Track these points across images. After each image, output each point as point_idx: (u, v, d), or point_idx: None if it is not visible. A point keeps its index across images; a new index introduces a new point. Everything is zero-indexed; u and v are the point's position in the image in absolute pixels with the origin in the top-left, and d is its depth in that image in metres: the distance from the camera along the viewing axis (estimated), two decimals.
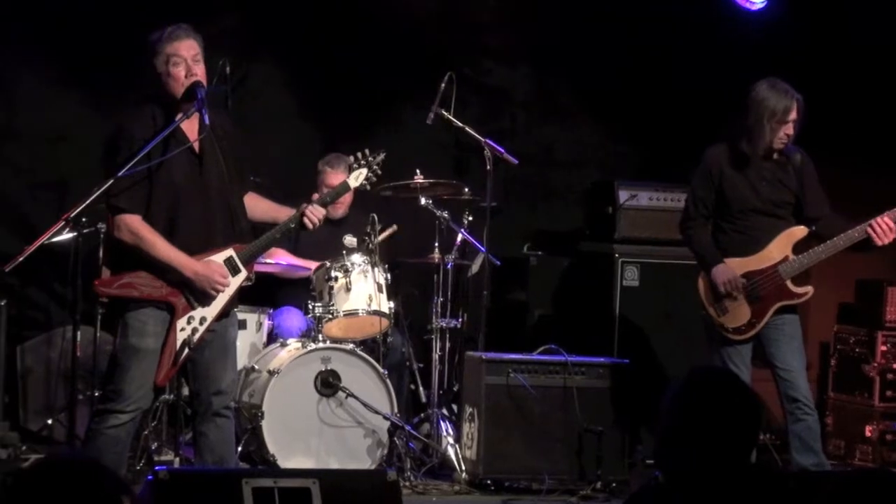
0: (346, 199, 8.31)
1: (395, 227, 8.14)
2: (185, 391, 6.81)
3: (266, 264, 7.88)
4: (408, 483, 7.22)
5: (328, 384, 7.39)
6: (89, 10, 8.51)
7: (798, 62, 8.53)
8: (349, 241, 7.70)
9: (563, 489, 7.34)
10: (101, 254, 7.49)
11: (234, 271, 5.96)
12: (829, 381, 8.89)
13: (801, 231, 6.98)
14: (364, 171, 6.31)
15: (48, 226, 5.79)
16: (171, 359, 5.83)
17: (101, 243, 7.45)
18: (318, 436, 7.37)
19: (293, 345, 7.59)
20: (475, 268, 8.25)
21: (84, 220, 7.07)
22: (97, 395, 7.28)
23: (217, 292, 5.89)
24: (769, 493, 3.40)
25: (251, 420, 7.32)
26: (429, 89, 8.11)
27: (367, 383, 7.43)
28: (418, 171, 8.02)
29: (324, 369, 7.40)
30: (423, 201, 8.00)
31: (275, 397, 7.30)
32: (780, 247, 6.96)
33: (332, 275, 7.60)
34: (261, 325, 7.93)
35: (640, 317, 8.54)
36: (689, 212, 7.14)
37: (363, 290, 7.62)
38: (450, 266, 8.12)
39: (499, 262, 8.14)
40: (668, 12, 9.37)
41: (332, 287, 7.59)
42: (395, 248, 8.23)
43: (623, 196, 8.70)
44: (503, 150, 7.93)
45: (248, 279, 5.94)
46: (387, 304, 7.65)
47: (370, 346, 7.77)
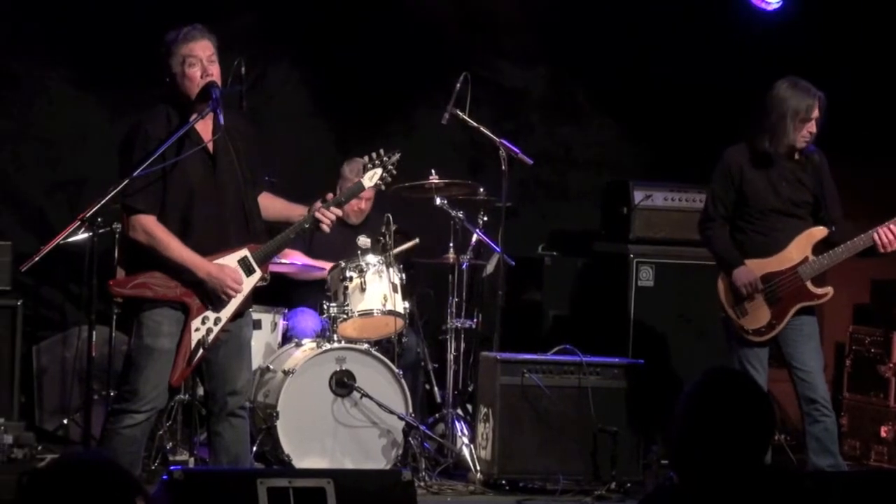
0: (367, 208, 8.31)
1: (416, 241, 8.15)
2: (200, 391, 6.81)
3: (281, 265, 7.89)
4: (422, 483, 7.22)
5: (343, 384, 7.40)
6: (106, 11, 8.53)
7: (813, 62, 8.51)
8: (363, 241, 7.71)
9: (578, 489, 7.33)
10: (116, 254, 7.50)
11: (248, 271, 5.95)
12: (845, 382, 8.87)
13: (820, 232, 6.95)
14: (378, 171, 6.24)
15: (64, 226, 5.80)
16: (186, 359, 5.84)
17: (116, 243, 7.47)
18: (332, 436, 7.37)
19: (308, 345, 7.59)
20: (490, 268, 8.25)
21: (100, 220, 7.07)
22: (112, 395, 7.29)
23: (229, 296, 5.88)
24: (784, 493, 3.40)
25: (266, 420, 7.33)
26: (444, 89, 8.11)
27: (381, 383, 7.43)
28: (433, 171, 8.03)
29: (339, 369, 7.41)
30: (438, 201, 8.00)
31: (290, 397, 7.31)
32: (800, 248, 6.94)
33: (347, 275, 7.60)
34: (276, 325, 7.93)
35: (654, 317, 8.54)
36: (709, 212, 7.11)
37: (378, 290, 7.62)
38: (465, 266, 8.12)
39: (514, 263, 8.13)
40: (684, 13, 9.36)
41: (346, 287, 7.59)
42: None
43: (638, 196, 8.70)
44: (518, 151, 7.93)
45: (263, 279, 5.94)
46: (402, 305, 7.66)
47: (385, 346, 7.77)
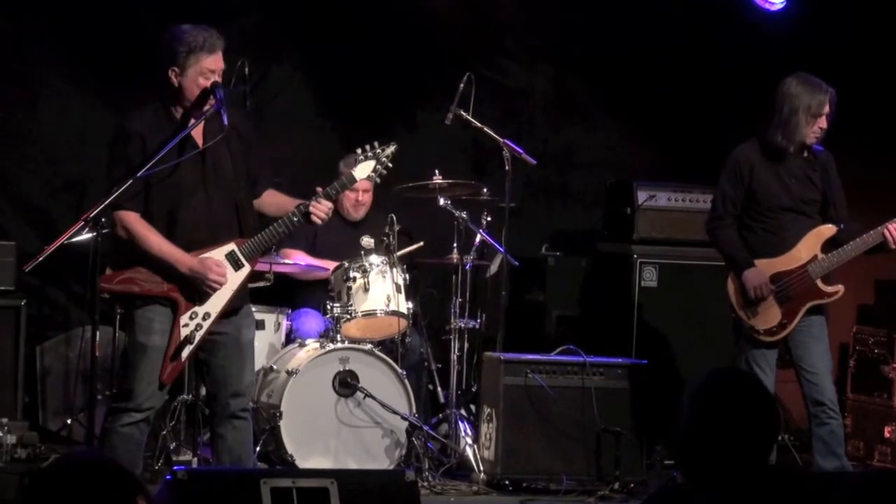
0: (366, 200, 8.31)
1: (421, 244, 8.15)
2: (203, 391, 6.82)
3: (284, 265, 7.89)
4: (426, 483, 7.22)
5: (346, 384, 7.40)
6: (110, 11, 8.53)
7: (817, 62, 8.50)
8: (366, 242, 7.71)
9: (581, 490, 7.33)
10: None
11: (236, 266, 5.91)
12: (848, 382, 8.86)
13: (829, 230, 6.94)
14: (371, 163, 6.14)
15: (68, 226, 5.82)
16: (171, 355, 5.82)
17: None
18: (336, 436, 7.37)
19: (311, 345, 7.60)
20: (494, 268, 8.24)
21: (103, 220, 7.08)
22: (111, 394, 7.31)
23: (213, 289, 5.84)
24: (788, 493, 3.39)
25: (269, 420, 7.33)
26: (447, 90, 8.11)
27: (385, 384, 7.43)
28: (437, 171, 8.03)
29: (342, 369, 7.41)
30: (441, 202, 7.99)
31: (293, 397, 7.31)
32: (809, 246, 6.93)
33: (351, 275, 7.60)
34: (279, 325, 7.93)
35: (658, 317, 8.54)
36: (718, 210, 7.08)
37: (381, 290, 7.62)
38: (468, 266, 8.12)
39: (517, 263, 8.13)
40: (688, 13, 9.36)
41: (350, 287, 7.59)
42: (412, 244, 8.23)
43: (641, 196, 8.69)
44: (522, 151, 7.93)
45: (266, 279, 5.94)
46: (405, 305, 7.66)
47: (388, 346, 7.77)
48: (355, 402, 7.41)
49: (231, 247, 5.92)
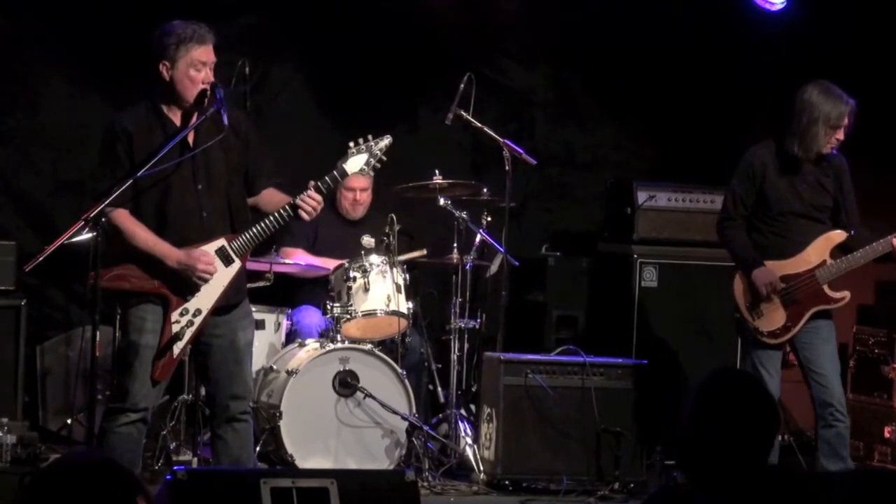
0: (364, 199, 8.31)
1: (423, 251, 8.15)
2: (204, 391, 6.82)
3: (284, 264, 7.89)
4: (426, 483, 7.21)
5: (346, 384, 7.40)
6: (110, 11, 8.53)
7: (818, 62, 8.50)
8: (367, 241, 7.71)
9: (581, 490, 7.32)
10: None
11: (226, 261, 5.88)
12: (848, 383, 8.85)
13: (839, 235, 6.92)
14: (364, 156, 6.07)
15: (68, 226, 5.81)
16: (160, 351, 5.80)
17: None
18: (336, 436, 7.37)
19: (311, 345, 7.60)
20: (494, 268, 8.24)
21: (103, 220, 7.08)
22: (108, 394, 7.32)
23: (202, 280, 5.81)
24: (789, 494, 3.39)
25: (269, 420, 7.33)
26: (448, 90, 8.11)
27: (385, 384, 7.43)
28: (437, 171, 8.02)
29: (342, 369, 7.41)
30: (441, 202, 7.98)
31: (293, 397, 7.31)
32: (818, 251, 6.90)
33: (351, 275, 7.60)
34: (279, 325, 7.93)
35: (658, 318, 8.54)
36: (728, 211, 7.03)
37: (382, 290, 7.62)
38: (468, 266, 8.12)
39: (517, 263, 8.13)
40: (688, 13, 9.36)
41: (350, 287, 7.59)
42: (414, 248, 8.22)
43: (641, 197, 8.69)
44: (522, 151, 7.93)
45: (266, 279, 5.92)
46: (405, 305, 7.66)
47: (389, 346, 7.78)
48: (355, 402, 7.41)
49: (221, 242, 5.89)
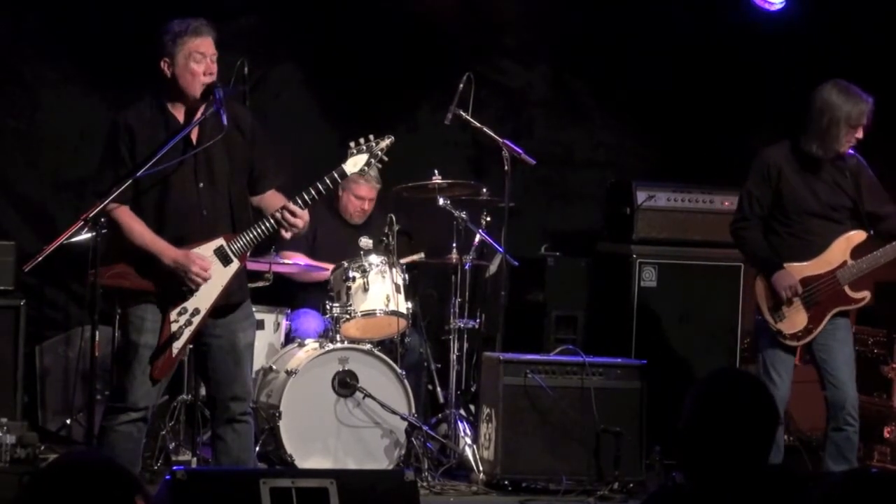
0: (368, 209, 8.30)
1: (422, 255, 8.15)
2: (204, 391, 6.82)
3: (284, 265, 7.89)
4: (425, 483, 7.22)
5: (346, 384, 7.40)
6: (110, 11, 8.53)
7: (818, 62, 8.51)
8: (365, 242, 7.70)
9: (581, 490, 7.33)
10: None
11: (224, 261, 5.86)
12: None
13: (859, 235, 6.90)
14: (364, 156, 6.01)
15: (68, 226, 5.81)
16: (160, 350, 5.80)
17: None
18: (335, 436, 7.38)
19: (311, 345, 7.60)
20: (493, 268, 8.25)
21: (103, 220, 7.09)
22: (108, 393, 7.31)
23: (194, 283, 5.78)
24: (789, 494, 3.40)
25: (269, 420, 7.34)
26: (447, 90, 8.11)
27: (384, 384, 7.43)
28: (436, 171, 8.02)
29: (341, 370, 7.41)
30: (441, 202, 7.98)
31: (292, 397, 7.31)
32: (839, 252, 6.89)
33: (350, 275, 7.60)
34: (278, 325, 7.93)
35: (657, 318, 8.54)
36: (744, 211, 7.00)
37: (381, 290, 7.62)
38: (468, 266, 8.12)
39: (517, 263, 8.13)
40: (688, 13, 9.36)
41: (349, 287, 7.59)
42: (413, 249, 8.22)
43: (641, 197, 8.69)
44: (521, 151, 7.93)
45: (265, 279, 5.91)
46: (404, 305, 7.66)
47: (388, 346, 7.78)
48: (355, 402, 7.41)
49: (220, 242, 5.87)
